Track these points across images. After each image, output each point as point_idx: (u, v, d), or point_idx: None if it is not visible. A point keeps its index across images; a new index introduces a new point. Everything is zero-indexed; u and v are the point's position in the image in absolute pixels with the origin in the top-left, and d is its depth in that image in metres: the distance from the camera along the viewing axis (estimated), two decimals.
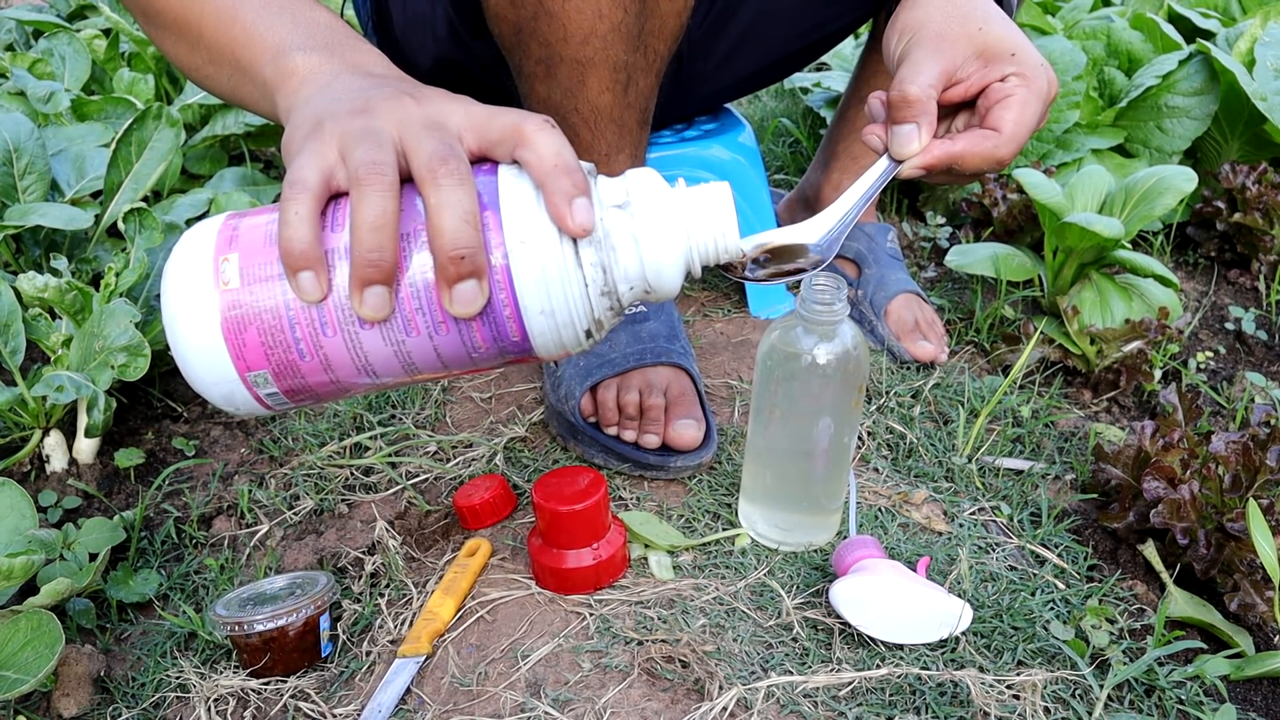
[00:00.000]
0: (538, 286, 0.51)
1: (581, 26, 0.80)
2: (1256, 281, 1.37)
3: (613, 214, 0.54)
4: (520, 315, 0.52)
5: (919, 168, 0.68)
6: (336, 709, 0.75)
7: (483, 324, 0.52)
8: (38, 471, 1.02)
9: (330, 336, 0.52)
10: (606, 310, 0.54)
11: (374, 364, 0.53)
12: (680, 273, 0.56)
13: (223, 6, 0.65)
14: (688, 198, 0.57)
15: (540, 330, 0.53)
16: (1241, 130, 1.51)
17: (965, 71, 0.68)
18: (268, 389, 0.53)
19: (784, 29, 1.12)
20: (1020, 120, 0.67)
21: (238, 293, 0.51)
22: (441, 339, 0.52)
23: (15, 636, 0.75)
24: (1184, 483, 0.86)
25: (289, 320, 0.51)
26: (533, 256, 0.51)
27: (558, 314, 0.52)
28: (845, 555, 0.81)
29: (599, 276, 0.53)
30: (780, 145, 1.81)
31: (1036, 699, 0.72)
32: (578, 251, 0.52)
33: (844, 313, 0.77)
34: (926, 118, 0.67)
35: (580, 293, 0.52)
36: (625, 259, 0.54)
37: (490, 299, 0.51)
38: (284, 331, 0.51)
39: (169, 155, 1.28)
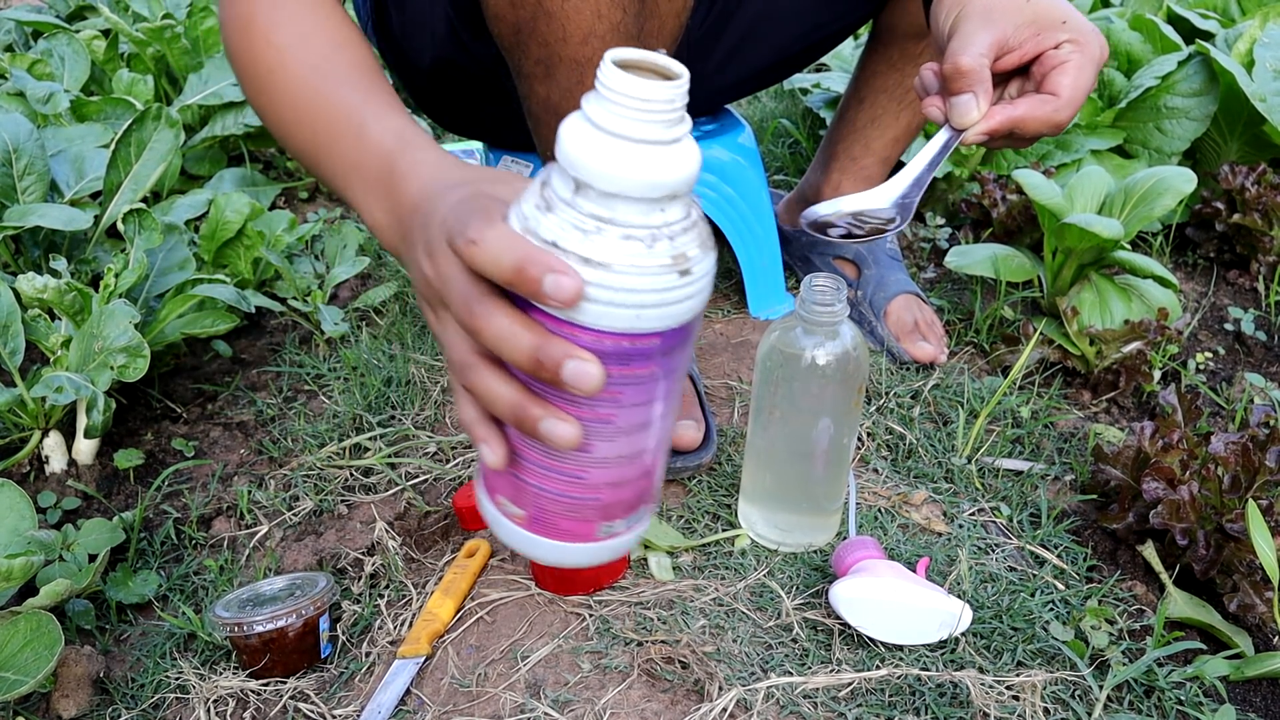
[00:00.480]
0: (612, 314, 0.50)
1: (581, 27, 0.80)
2: (1256, 282, 1.37)
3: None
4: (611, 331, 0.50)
5: (982, 134, 0.71)
6: (336, 710, 0.75)
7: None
8: (37, 472, 1.02)
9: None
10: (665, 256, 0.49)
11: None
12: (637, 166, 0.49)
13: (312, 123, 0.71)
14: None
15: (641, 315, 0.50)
16: (1241, 131, 1.51)
17: (1017, 40, 0.70)
18: (614, 530, 0.59)
19: (784, 30, 1.12)
20: (1077, 84, 0.70)
21: (527, 520, 0.58)
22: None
23: (14, 638, 0.75)
24: (1183, 483, 0.86)
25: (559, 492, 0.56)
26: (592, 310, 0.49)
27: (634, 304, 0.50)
28: (845, 556, 0.81)
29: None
30: (780, 146, 1.81)
31: (1036, 699, 0.72)
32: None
33: (843, 314, 0.77)
34: (982, 86, 0.69)
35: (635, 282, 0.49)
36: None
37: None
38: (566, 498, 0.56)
39: (168, 156, 1.28)
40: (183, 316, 1.11)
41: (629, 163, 0.47)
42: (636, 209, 0.48)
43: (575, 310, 0.48)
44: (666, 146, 0.48)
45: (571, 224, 0.48)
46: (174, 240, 1.17)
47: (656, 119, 0.47)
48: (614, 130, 0.47)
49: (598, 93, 0.48)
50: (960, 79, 0.69)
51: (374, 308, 1.32)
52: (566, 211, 0.48)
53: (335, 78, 0.70)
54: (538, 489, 0.56)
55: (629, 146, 0.47)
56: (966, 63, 0.69)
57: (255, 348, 1.27)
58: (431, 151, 0.64)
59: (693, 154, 0.49)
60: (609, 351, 0.50)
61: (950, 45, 0.70)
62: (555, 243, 0.48)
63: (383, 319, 1.30)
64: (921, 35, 1.15)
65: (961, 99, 0.70)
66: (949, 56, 0.70)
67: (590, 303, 0.48)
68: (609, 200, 0.48)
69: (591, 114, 0.48)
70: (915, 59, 1.17)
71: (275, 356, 1.24)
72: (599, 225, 0.48)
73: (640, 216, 0.48)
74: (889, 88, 1.20)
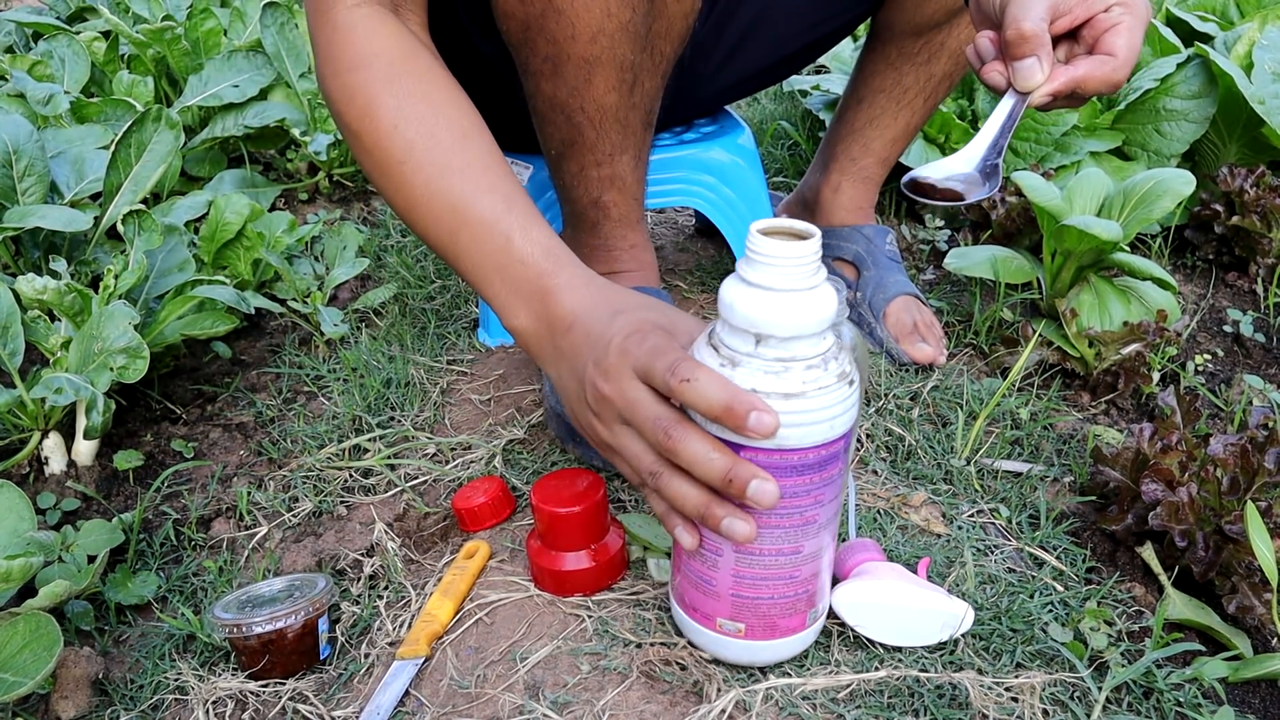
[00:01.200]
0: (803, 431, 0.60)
1: (590, 24, 0.80)
2: (1254, 284, 1.37)
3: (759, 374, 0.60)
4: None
5: (1046, 95, 0.74)
6: (335, 711, 0.75)
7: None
8: (36, 473, 1.02)
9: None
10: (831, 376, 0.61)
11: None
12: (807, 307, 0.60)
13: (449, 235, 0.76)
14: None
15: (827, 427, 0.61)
16: (1239, 133, 1.51)
17: (1068, 4, 0.73)
18: (818, 613, 0.71)
19: (783, 29, 1.13)
20: (1130, 45, 0.73)
21: (748, 630, 0.69)
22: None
23: (14, 639, 0.75)
24: (1182, 485, 0.86)
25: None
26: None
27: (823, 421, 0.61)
28: (846, 559, 0.81)
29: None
30: (779, 148, 1.81)
31: (1035, 701, 0.72)
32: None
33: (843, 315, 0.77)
34: (1044, 49, 0.72)
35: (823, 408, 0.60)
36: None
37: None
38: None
39: (168, 157, 1.28)
40: (182, 318, 1.11)
41: (802, 309, 0.58)
42: (810, 344, 0.59)
43: (782, 438, 0.59)
44: (819, 290, 0.59)
45: (762, 370, 0.59)
46: (174, 241, 1.17)
47: (810, 268, 0.58)
48: (781, 286, 0.58)
49: (754, 259, 0.58)
50: (1024, 44, 0.72)
51: (374, 309, 1.32)
52: (753, 362, 0.59)
53: (471, 180, 0.75)
54: (755, 599, 0.65)
55: (798, 297, 0.58)
56: (1029, 28, 0.71)
57: (255, 349, 1.27)
58: (580, 270, 0.72)
59: (834, 290, 0.61)
60: (812, 463, 0.61)
61: (1009, 12, 0.73)
62: (755, 389, 0.58)
63: (382, 320, 1.30)
64: (919, 33, 1.15)
65: (1026, 63, 0.73)
66: (1010, 23, 0.72)
67: (795, 428, 0.59)
68: (789, 343, 0.59)
69: (755, 278, 0.58)
70: (913, 58, 1.17)
71: (275, 358, 1.24)
72: (785, 365, 0.59)
73: (814, 349, 0.59)
74: (887, 87, 1.20)
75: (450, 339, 1.23)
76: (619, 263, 1.02)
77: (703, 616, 0.68)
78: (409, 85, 0.76)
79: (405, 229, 1.57)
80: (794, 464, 0.60)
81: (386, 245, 1.52)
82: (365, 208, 1.73)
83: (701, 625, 0.68)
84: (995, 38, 0.76)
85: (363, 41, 0.76)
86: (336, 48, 0.77)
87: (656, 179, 1.16)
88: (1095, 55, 0.74)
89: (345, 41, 0.76)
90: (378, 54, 0.76)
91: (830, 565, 0.68)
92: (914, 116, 1.22)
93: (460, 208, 0.74)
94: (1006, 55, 0.74)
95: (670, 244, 1.50)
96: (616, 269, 1.03)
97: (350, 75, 0.76)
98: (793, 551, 0.63)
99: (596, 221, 0.99)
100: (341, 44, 0.77)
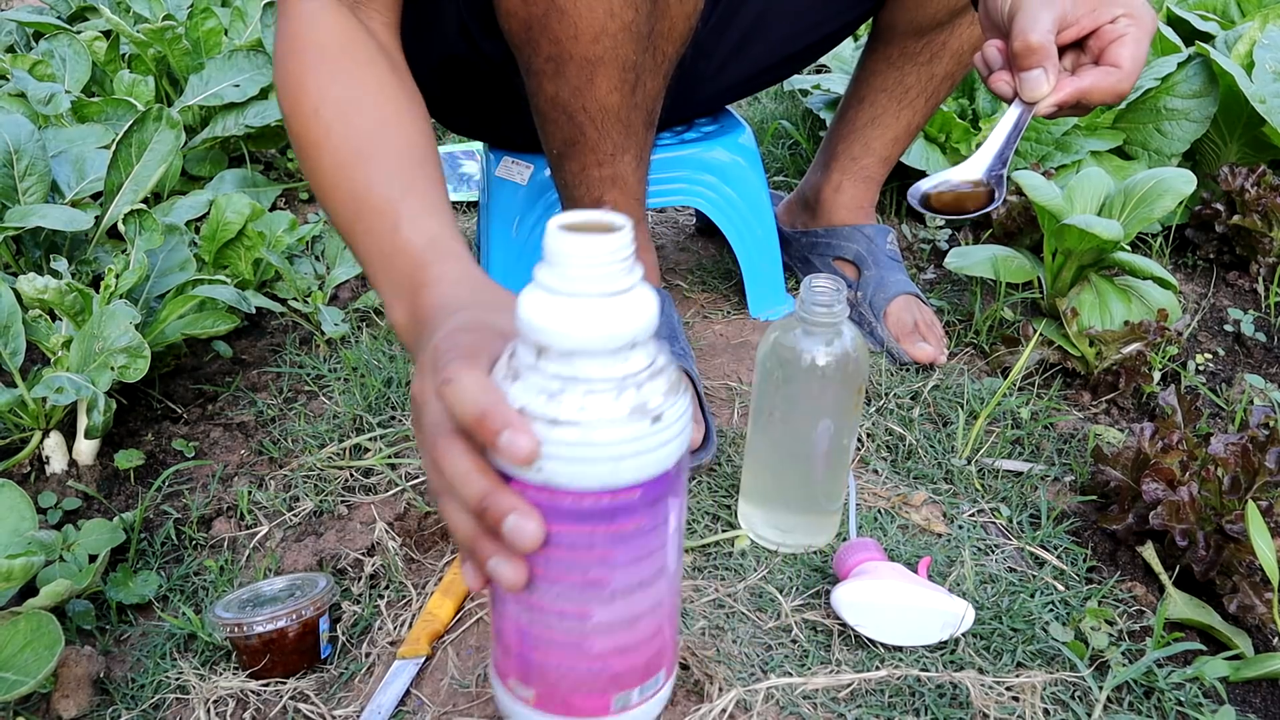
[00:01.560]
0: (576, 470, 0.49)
1: (593, 25, 0.80)
2: (1255, 284, 1.37)
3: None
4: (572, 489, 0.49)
5: (1052, 105, 0.74)
6: (336, 710, 0.75)
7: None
8: (37, 473, 1.02)
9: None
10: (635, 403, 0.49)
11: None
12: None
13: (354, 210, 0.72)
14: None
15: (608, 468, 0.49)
16: (1240, 133, 1.51)
17: (1075, 15, 0.74)
18: (629, 701, 0.57)
19: (785, 29, 1.13)
20: (1135, 56, 0.73)
21: (537, 699, 0.56)
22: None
23: (15, 638, 0.75)
24: (1183, 485, 0.86)
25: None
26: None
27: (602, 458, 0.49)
28: (846, 558, 0.81)
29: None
30: (780, 147, 1.81)
31: (1036, 700, 0.72)
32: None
33: (843, 314, 0.77)
34: (1051, 61, 0.73)
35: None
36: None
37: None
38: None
39: (169, 157, 1.28)
40: (183, 317, 1.11)
41: (582, 318, 0.47)
42: (598, 363, 0.48)
43: (550, 473, 0.48)
44: (618, 297, 0.48)
45: (537, 388, 0.48)
46: (174, 241, 1.17)
47: (604, 272, 0.47)
48: (563, 290, 0.47)
49: (545, 258, 0.48)
50: (1031, 55, 0.73)
51: (374, 308, 1.32)
52: (532, 376, 0.48)
53: (378, 164, 0.72)
54: (542, 664, 0.54)
55: (580, 303, 0.47)
56: (1036, 39, 0.72)
57: (256, 348, 1.27)
58: (457, 264, 0.66)
59: (648, 301, 0.49)
60: (592, 511, 0.49)
61: (1017, 23, 0.73)
62: (523, 408, 0.48)
63: (383, 320, 1.30)
64: (921, 33, 1.15)
65: (1032, 74, 0.73)
66: (1018, 34, 0.73)
67: (564, 462, 0.48)
68: (569, 358, 0.48)
69: (542, 278, 0.48)
70: (914, 58, 1.17)
71: (275, 357, 1.24)
72: (563, 384, 0.48)
73: (603, 370, 0.48)
74: (889, 87, 1.20)
75: None
76: None
77: (498, 671, 0.58)
78: (338, 69, 0.75)
79: None
80: (568, 508, 0.49)
81: None
82: None
83: (498, 680, 0.58)
84: (1003, 46, 0.76)
85: (308, 30, 0.76)
86: (285, 34, 0.77)
87: (657, 178, 1.16)
88: (1101, 66, 0.74)
89: (294, 29, 0.77)
90: (318, 42, 0.76)
91: (661, 640, 0.56)
92: (915, 116, 1.22)
93: (360, 194, 0.71)
94: (1013, 66, 0.75)
95: (671, 243, 1.50)
96: None
97: (289, 60, 0.76)
98: (578, 616, 0.52)
99: None
100: (291, 32, 0.77)
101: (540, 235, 1.19)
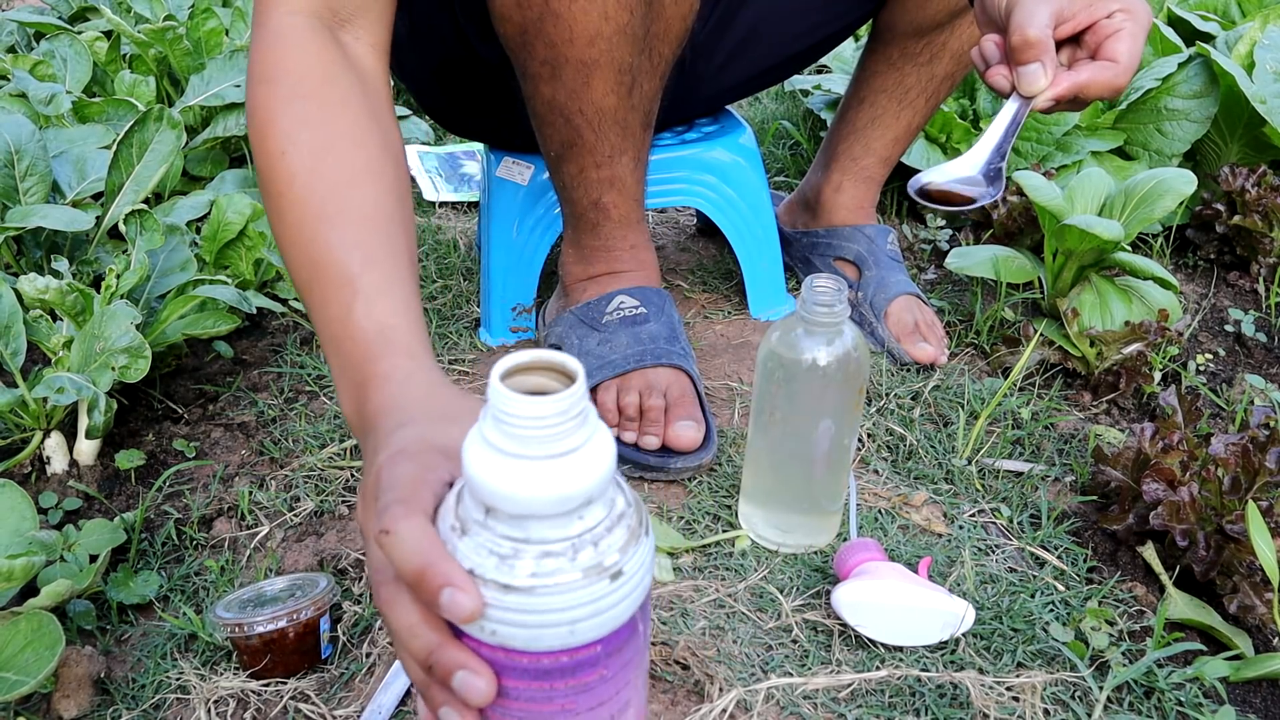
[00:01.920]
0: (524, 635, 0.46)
1: (587, 28, 0.80)
2: (1256, 284, 1.37)
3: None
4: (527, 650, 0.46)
5: (1050, 99, 0.74)
6: (336, 710, 0.75)
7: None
8: (38, 473, 1.03)
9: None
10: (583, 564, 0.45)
11: None
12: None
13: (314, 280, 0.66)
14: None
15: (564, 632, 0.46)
16: (1241, 133, 1.51)
17: (1072, 10, 0.74)
18: None
19: (786, 29, 1.13)
20: (1132, 51, 0.74)
21: None
22: None
23: (15, 638, 0.75)
24: (1183, 485, 0.86)
25: None
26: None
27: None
28: (847, 558, 0.81)
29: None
30: (780, 148, 1.81)
31: (1036, 700, 0.72)
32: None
33: (844, 314, 0.77)
34: (1048, 55, 0.73)
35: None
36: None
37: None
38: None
39: (170, 157, 1.28)
40: (184, 317, 1.11)
41: (532, 481, 0.43)
42: (550, 525, 0.44)
43: (504, 636, 0.45)
44: (569, 456, 0.44)
45: (488, 548, 0.45)
46: (175, 241, 1.17)
47: (554, 433, 0.43)
48: (510, 450, 0.43)
49: (490, 411, 0.44)
50: (1029, 49, 0.73)
51: None
52: (481, 534, 0.45)
53: (340, 228, 0.66)
54: None
55: (529, 465, 0.43)
56: (1034, 34, 0.72)
57: (256, 349, 1.27)
58: (404, 360, 0.61)
59: (601, 453, 0.44)
60: (549, 669, 0.46)
61: (1014, 18, 0.74)
62: (473, 570, 0.44)
63: None
64: (921, 34, 1.15)
65: (1030, 68, 0.73)
66: (1016, 29, 0.73)
67: (518, 627, 0.45)
68: (522, 522, 0.44)
69: (488, 434, 0.44)
70: (914, 58, 1.17)
71: (276, 357, 1.24)
72: (515, 547, 0.44)
73: (556, 531, 0.44)
74: (889, 87, 1.20)
75: (452, 338, 1.23)
76: (619, 263, 1.03)
77: None
78: (310, 110, 0.69)
79: None
80: (525, 666, 0.46)
81: None
82: None
83: None
84: (1000, 41, 0.76)
85: (281, 54, 0.71)
86: (259, 55, 0.71)
87: (658, 179, 1.16)
88: (1098, 61, 0.74)
89: (269, 50, 0.71)
90: (291, 71, 0.70)
91: None
92: (916, 116, 1.22)
93: (318, 260, 0.65)
94: (1011, 60, 0.75)
95: (672, 244, 1.51)
96: (617, 269, 1.03)
97: (259, 87, 0.70)
98: None
99: (597, 223, 1.00)
100: (264, 52, 0.71)
101: (540, 236, 1.19)
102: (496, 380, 0.43)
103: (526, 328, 1.21)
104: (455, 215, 1.65)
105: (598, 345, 1.00)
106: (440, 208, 1.67)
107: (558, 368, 0.45)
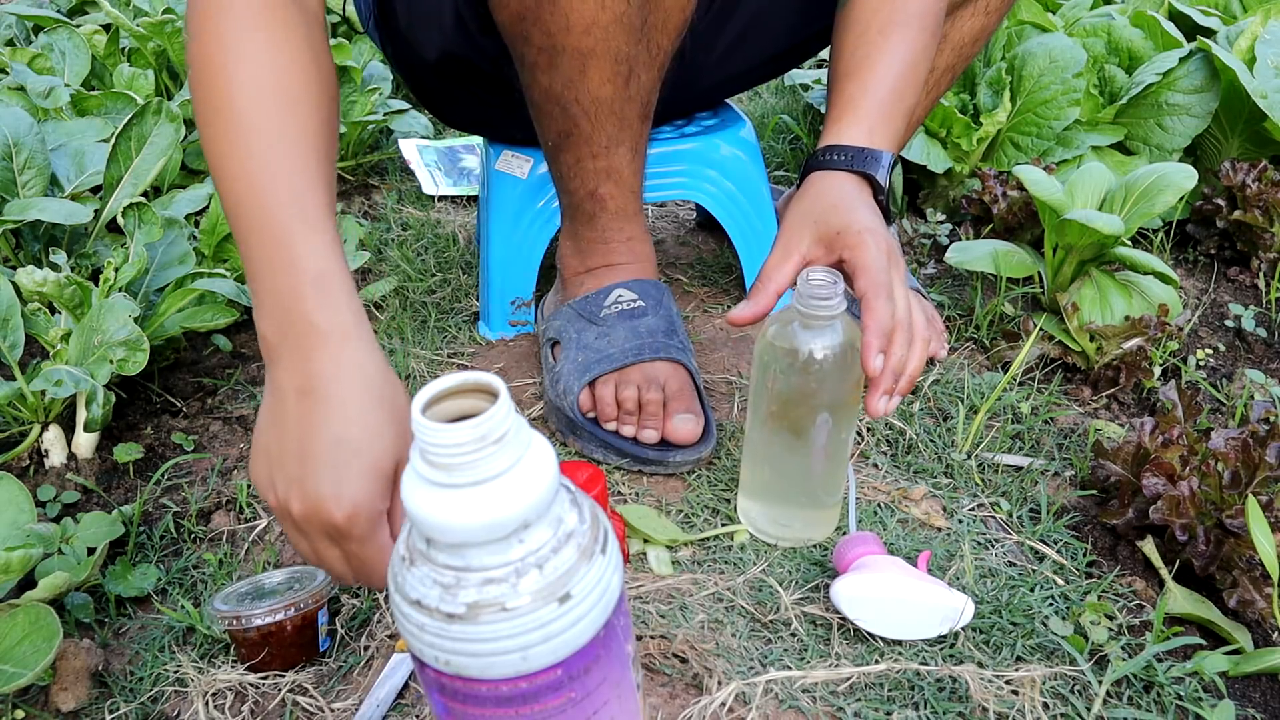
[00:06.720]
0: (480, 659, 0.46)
1: (584, 16, 0.80)
2: (1256, 279, 1.37)
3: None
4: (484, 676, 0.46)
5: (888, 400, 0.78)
6: (334, 703, 0.75)
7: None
8: (36, 466, 1.02)
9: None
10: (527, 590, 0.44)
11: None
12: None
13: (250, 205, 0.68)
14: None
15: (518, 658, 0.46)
16: (1242, 128, 1.51)
17: (814, 256, 0.81)
18: None
19: (786, 21, 1.12)
20: (873, 281, 0.76)
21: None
22: None
23: (13, 630, 0.74)
24: (1183, 479, 0.86)
25: None
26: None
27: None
28: (846, 552, 0.81)
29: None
30: (780, 142, 1.81)
31: (1035, 694, 0.72)
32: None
33: (841, 307, 0.77)
34: (775, 298, 0.80)
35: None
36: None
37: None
38: None
39: (169, 150, 1.28)
40: (182, 310, 1.11)
41: (462, 509, 0.42)
42: (489, 551, 0.43)
43: (458, 665, 0.45)
44: (497, 480, 0.42)
45: (432, 578, 0.44)
46: (174, 234, 1.17)
47: (477, 459, 0.42)
48: (437, 480, 0.42)
49: (417, 443, 0.43)
50: (762, 291, 0.81)
51: (374, 302, 1.32)
52: (424, 565, 0.44)
53: (280, 151, 0.68)
54: None
55: (457, 494, 0.42)
56: (774, 289, 0.80)
57: (255, 342, 1.27)
58: (345, 316, 0.64)
59: (536, 473, 0.43)
60: (510, 696, 0.46)
61: (771, 255, 0.82)
62: (419, 601, 0.44)
63: (383, 314, 1.30)
64: None
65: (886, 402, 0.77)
66: (876, 330, 0.76)
67: (469, 657, 0.44)
68: (460, 551, 0.43)
69: (418, 466, 0.43)
70: None
71: None
72: (457, 576, 0.43)
73: (496, 557, 0.43)
74: None
75: (451, 332, 1.23)
76: (616, 255, 1.02)
77: None
78: (257, 27, 0.71)
79: (405, 222, 1.57)
80: (483, 694, 0.45)
81: (387, 239, 1.52)
82: (366, 201, 1.72)
83: None
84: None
85: None
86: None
87: (657, 172, 1.16)
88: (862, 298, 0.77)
89: None
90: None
91: None
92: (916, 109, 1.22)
93: (255, 180, 0.67)
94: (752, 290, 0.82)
95: (671, 238, 1.50)
96: (613, 261, 1.03)
97: (208, 6, 0.71)
98: None
99: (593, 214, 0.99)
100: None
101: (539, 229, 1.19)
102: (417, 411, 0.42)
103: (525, 321, 1.21)
104: (454, 209, 1.65)
105: (596, 339, 1.00)
106: (439, 201, 1.67)
107: (484, 388, 0.44)
